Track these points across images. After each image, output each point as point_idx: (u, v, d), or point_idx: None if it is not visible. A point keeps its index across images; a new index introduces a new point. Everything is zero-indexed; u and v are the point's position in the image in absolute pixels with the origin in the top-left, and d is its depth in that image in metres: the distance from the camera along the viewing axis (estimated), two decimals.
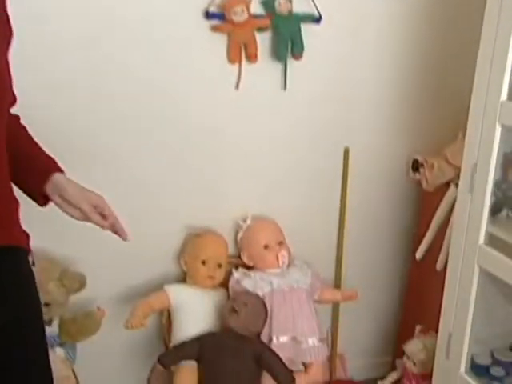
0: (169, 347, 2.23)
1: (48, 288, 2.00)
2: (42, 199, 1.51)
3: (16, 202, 1.44)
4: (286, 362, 2.11)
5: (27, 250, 1.46)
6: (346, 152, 2.46)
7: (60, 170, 1.52)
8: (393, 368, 2.71)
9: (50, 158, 1.54)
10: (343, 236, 2.58)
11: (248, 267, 2.35)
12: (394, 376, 2.45)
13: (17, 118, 1.56)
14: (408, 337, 2.43)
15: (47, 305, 2.01)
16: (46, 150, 1.56)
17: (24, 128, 1.57)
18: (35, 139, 1.57)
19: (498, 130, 1.77)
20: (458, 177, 2.26)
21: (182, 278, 2.33)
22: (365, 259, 2.68)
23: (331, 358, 2.69)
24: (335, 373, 2.72)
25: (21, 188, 1.49)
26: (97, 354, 2.31)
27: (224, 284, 2.33)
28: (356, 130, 2.47)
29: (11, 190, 1.42)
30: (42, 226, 2.10)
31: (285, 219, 2.41)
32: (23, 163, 1.47)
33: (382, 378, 2.76)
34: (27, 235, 1.47)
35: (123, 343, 2.37)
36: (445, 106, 2.54)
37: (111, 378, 2.42)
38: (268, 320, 2.18)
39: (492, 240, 1.87)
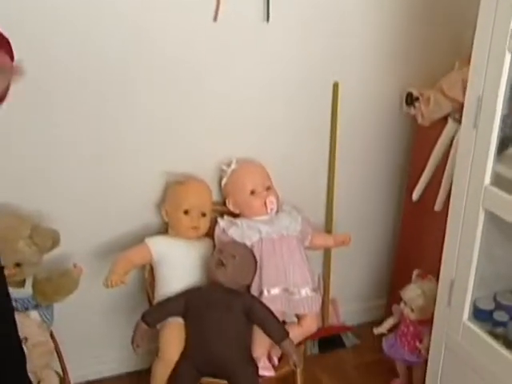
0: (152, 303, 2.09)
1: (18, 247, 1.84)
2: None
3: None
4: (278, 315, 1.98)
5: None
6: (336, 87, 2.27)
7: None
8: (387, 313, 2.61)
9: None
10: (333, 178, 2.43)
11: (234, 215, 2.20)
12: (390, 322, 2.34)
13: None
14: (403, 281, 2.32)
15: (18, 265, 1.87)
16: None
17: None
18: None
19: (508, 57, 1.59)
20: (455, 110, 2.13)
21: (164, 230, 2.17)
22: (357, 201, 2.54)
23: (323, 304, 2.58)
24: (327, 318, 2.63)
25: None
26: (76, 314, 2.19)
27: (209, 234, 2.18)
28: (346, 64, 2.28)
29: None
30: (6, 178, 1.95)
31: (272, 162, 2.25)
32: None
33: (376, 322, 2.67)
34: None
35: (104, 301, 2.23)
36: (439, 32, 2.35)
37: (93, 339, 2.32)
38: (257, 271, 2.04)
39: (498, 180, 1.72)
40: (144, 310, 2.07)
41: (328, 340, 2.62)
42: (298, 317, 2.13)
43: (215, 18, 2.01)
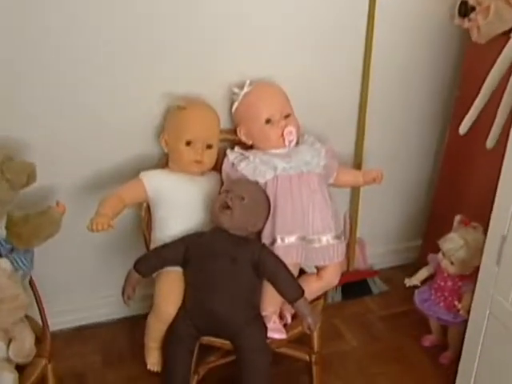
0: (149, 248, 1.81)
1: None
2: None
3: None
4: (292, 268, 1.69)
5: None
6: None
7: None
8: (421, 256, 2.31)
9: None
10: (366, 102, 2.07)
11: (246, 147, 1.87)
12: (424, 273, 2.02)
13: None
14: (442, 224, 2.01)
15: None
16: None
17: None
18: None
19: None
20: None
21: (164, 163, 1.86)
22: (392, 131, 2.19)
23: (349, 246, 2.29)
24: (353, 262, 2.33)
25: None
26: (65, 256, 1.95)
27: (217, 167, 1.86)
28: None
29: None
30: None
31: (292, 84, 1.89)
32: None
33: (408, 266, 2.40)
34: None
35: (96, 240, 1.91)
36: None
37: (82, 287, 2.08)
38: (270, 216, 1.74)
39: None
40: (141, 250, 1.80)
41: (353, 286, 2.33)
42: (318, 268, 1.83)
43: None
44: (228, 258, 1.65)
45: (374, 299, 2.34)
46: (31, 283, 1.71)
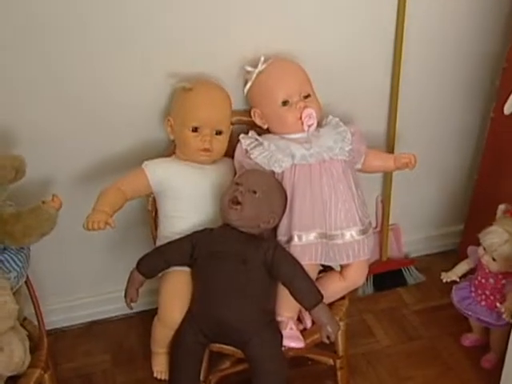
0: (156, 245, 1.66)
1: None
2: None
3: None
4: (308, 269, 1.50)
5: None
6: None
7: None
8: (462, 244, 2.11)
9: None
10: (399, 77, 1.84)
11: (262, 130, 1.68)
12: (463, 267, 1.81)
13: None
14: (483, 211, 1.80)
15: None
16: None
17: None
18: None
19: None
20: None
21: (171, 151, 1.68)
22: (428, 109, 1.96)
23: (382, 232, 2.09)
24: (386, 250, 2.14)
25: None
26: (67, 253, 1.83)
27: (230, 153, 1.68)
28: None
29: None
30: None
31: (313, 58, 1.68)
32: None
33: (447, 254, 2.21)
34: None
35: (102, 235, 1.67)
36: None
37: (90, 282, 1.95)
38: (287, 211, 1.55)
39: None
40: (151, 242, 1.66)
41: (385, 276, 2.14)
42: (341, 266, 1.65)
43: None
44: (238, 258, 1.48)
45: (409, 291, 2.14)
46: (28, 284, 1.59)
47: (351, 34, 1.76)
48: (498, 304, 1.68)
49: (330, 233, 1.57)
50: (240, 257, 1.48)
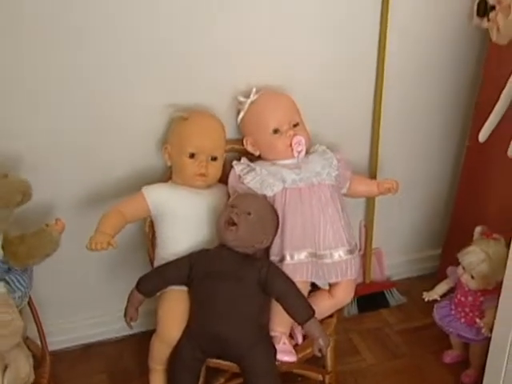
0: (153, 265, 1.73)
1: None
2: None
3: None
4: (301, 286, 1.60)
5: None
6: None
7: None
8: (441, 266, 2.21)
9: None
10: (380, 107, 1.96)
11: (253, 157, 1.78)
12: (443, 287, 1.91)
13: None
14: (461, 234, 1.90)
15: None
16: None
17: None
18: None
19: None
20: None
21: (168, 177, 1.78)
22: (408, 137, 2.09)
23: (365, 256, 2.19)
24: (369, 273, 2.23)
25: None
26: (65, 276, 1.89)
27: (223, 179, 1.78)
28: None
29: None
30: None
31: (301, 90, 1.80)
32: None
33: (427, 277, 2.31)
34: None
35: (99, 258, 1.78)
36: None
37: (87, 304, 2.00)
38: (279, 232, 1.65)
39: None
40: (147, 265, 1.74)
41: (369, 298, 2.23)
42: (330, 284, 1.74)
43: None
44: (233, 277, 1.56)
45: (391, 312, 2.24)
46: (30, 304, 1.65)
47: (334, 69, 1.88)
48: (477, 320, 1.78)
49: (320, 252, 1.66)
50: (236, 275, 1.56)
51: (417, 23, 1.89)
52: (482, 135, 1.84)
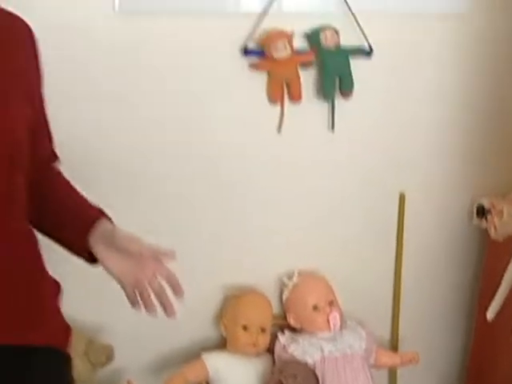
0: None
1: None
2: (87, 253, 1.20)
3: (52, 285, 1.22)
4: None
5: (65, 353, 1.20)
6: (402, 198, 2.19)
7: (107, 217, 1.23)
8: None
9: (95, 207, 1.25)
10: (399, 291, 2.30)
11: (295, 330, 2.09)
12: None
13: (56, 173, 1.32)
14: None
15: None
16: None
17: (65, 182, 1.31)
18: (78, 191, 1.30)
19: None
20: None
21: (222, 345, 2.07)
22: (424, 317, 2.38)
23: None
24: None
25: (67, 247, 1.24)
26: None
27: (269, 349, 2.07)
28: (412, 173, 2.20)
29: (43, 269, 1.18)
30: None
31: (335, 275, 2.15)
32: (65, 218, 1.22)
33: None
34: (67, 329, 1.23)
35: None
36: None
37: None
38: None
39: None
40: None
41: None
42: None
43: (279, 129, 2.00)
44: None
45: None
46: None
47: (361, 257, 2.23)
48: None
49: None
50: None
51: (428, 224, 2.26)
52: (489, 315, 2.11)
